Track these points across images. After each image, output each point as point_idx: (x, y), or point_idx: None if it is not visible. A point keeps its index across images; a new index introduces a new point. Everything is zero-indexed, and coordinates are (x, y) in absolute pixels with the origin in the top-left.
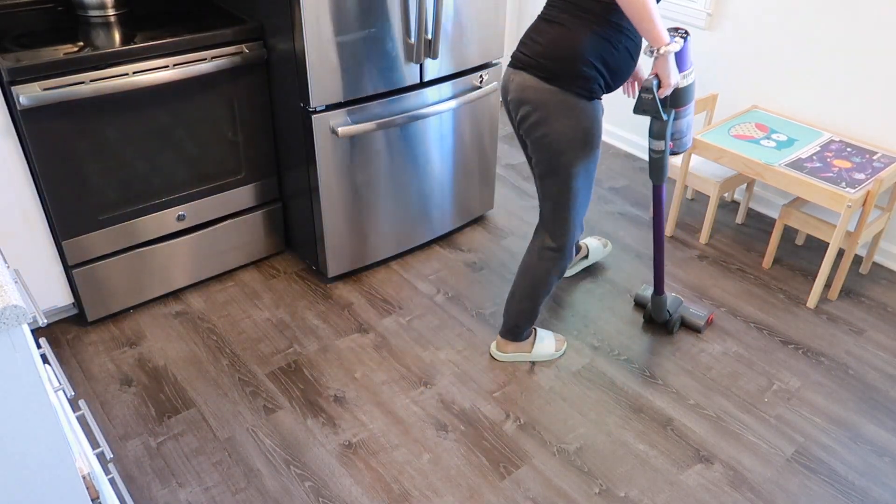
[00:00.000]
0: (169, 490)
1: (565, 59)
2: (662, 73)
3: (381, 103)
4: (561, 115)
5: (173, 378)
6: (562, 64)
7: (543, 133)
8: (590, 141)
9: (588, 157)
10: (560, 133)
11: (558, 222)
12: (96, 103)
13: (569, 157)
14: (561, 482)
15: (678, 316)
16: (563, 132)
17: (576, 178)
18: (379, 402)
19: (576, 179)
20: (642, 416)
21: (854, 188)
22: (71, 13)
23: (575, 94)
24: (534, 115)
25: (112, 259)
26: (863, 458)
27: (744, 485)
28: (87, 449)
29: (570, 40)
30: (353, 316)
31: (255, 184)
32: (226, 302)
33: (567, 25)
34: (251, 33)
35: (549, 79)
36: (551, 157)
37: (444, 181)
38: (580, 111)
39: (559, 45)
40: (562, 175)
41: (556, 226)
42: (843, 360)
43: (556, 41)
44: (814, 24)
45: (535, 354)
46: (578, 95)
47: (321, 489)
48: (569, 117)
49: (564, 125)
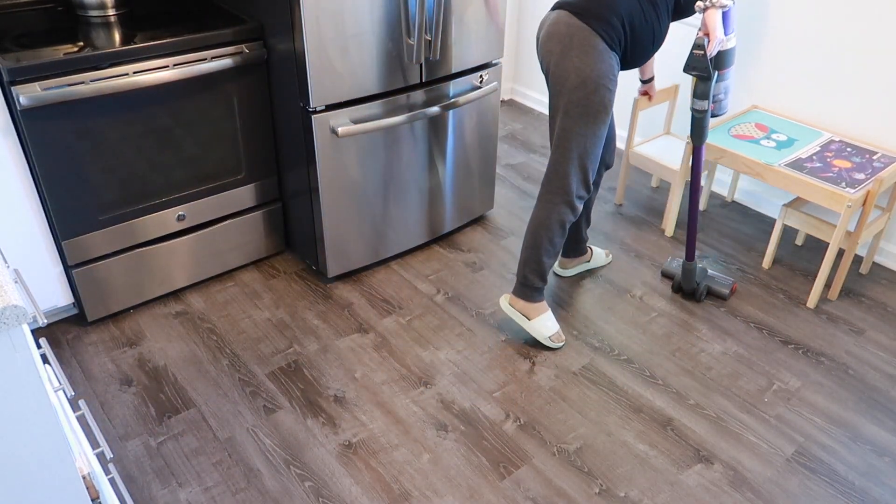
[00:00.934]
0: (169, 490)
1: (601, 4)
2: (711, 26)
3: (381, 103)
4: (580, 51)
5: (173, 378)
6: (597, 7)
7: (563, 66)
8: (600, 87)
9: (596, 104)
10: (576, 68)
11: (559, 166)
12: (96, 103)
13: (578, 95)
14: (561, 482)
15: (704, 285)
16: (580, 68)
17: (582, 120)
18: (379, 402)
19: (582, 123)
20: (642, 416)
21: (854, 188)
22: (71, 13)
23: (599, 36)
24: (558, 47)
25: (112, 259)
26: (863, 458)
27: (744, 485)
28: (87, 449)
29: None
30: (353, 316)
31: (255, 184)
32: (226, 302)
33: None
34: (251, 33)
35: (580, 14)
36: (562, 93)
37: (444, 181)
38: (599, 52)
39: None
40: (571, 114)
41: (557, 170)
42: (843, 360)
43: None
44: (814, 24)
45: (532, 326)
46: (601, 38)
47: (321, 489)
48: (587, 54)
49: (582, 61)
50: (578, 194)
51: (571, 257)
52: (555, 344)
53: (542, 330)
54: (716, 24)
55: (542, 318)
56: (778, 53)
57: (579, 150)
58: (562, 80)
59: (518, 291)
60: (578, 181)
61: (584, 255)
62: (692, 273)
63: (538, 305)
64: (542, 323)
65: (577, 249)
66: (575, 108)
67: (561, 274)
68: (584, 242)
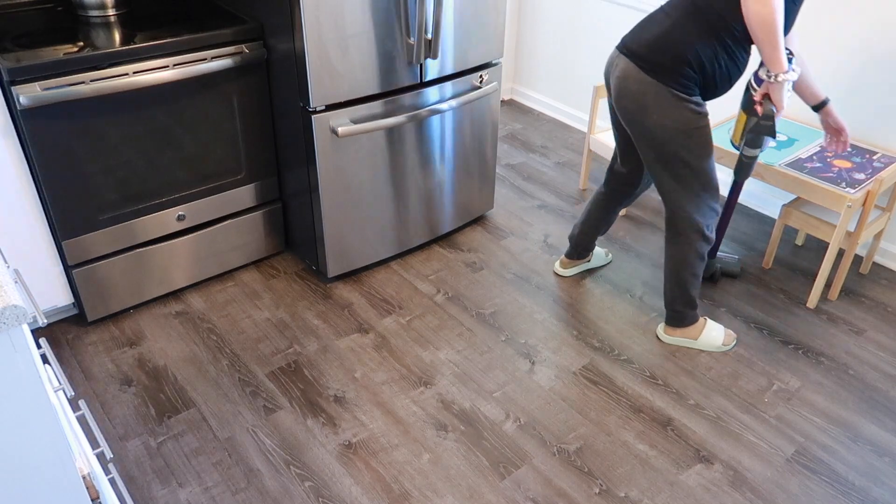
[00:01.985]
0: (169, 490)
1: (669, 55)
2: (776, 98)
3: (381, 103)
4: (657, 109)
5: (173, 378)
6: (664, 59)
7: (644, 125)
8: (693, 131)
9: (695, 146)
10: (660, 126)
11: (680, 210)
12: (96, 103)
13: (673, 146)
14: (561, 482)
15: (718, 267)
16: (663, 125)
17: (685, 165)
18: (379, 402)
19: (685, 167)
20: (642, 416)
21: (854, 188)
22: (71, 13)
23: (672, 89)
24: (633, 105)
25: (112, 259)
26: (863, 458)
27: (744, 485)
28: (87, 449)
29: (678, 40)
30: (353, 316)
31: (255, 184)
32: (226, 302)
33: (681, 24)
34: (251, 33)
35: (649, 70)
36: (656, 148)
37: (444, 181)
38: (678, 104)
39: (667, 40)
40: (671, 164)
41: (679, 214)
42: (843, 360)
43: (665, 36)
44: (813, 24)
45: (702, 343)
46: (675, 90)
47: (321, 489)
48: (666, 109)
49: (663, 117)
50: (707, 224)
51: (574, 259)
52: (729, 346)
53: (712, 342)
54: (782, 97)
55: (706, 332)
56: None
57: (700, 187)
58: (648, 138)
59: (672, 322)
60: (703, 214)
61: (585, 258)
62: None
63: (697, 323)
64: (708, 336)
65: (582, 253)
66: (674, 160)
67: (560, 273)
68: (589, 250)
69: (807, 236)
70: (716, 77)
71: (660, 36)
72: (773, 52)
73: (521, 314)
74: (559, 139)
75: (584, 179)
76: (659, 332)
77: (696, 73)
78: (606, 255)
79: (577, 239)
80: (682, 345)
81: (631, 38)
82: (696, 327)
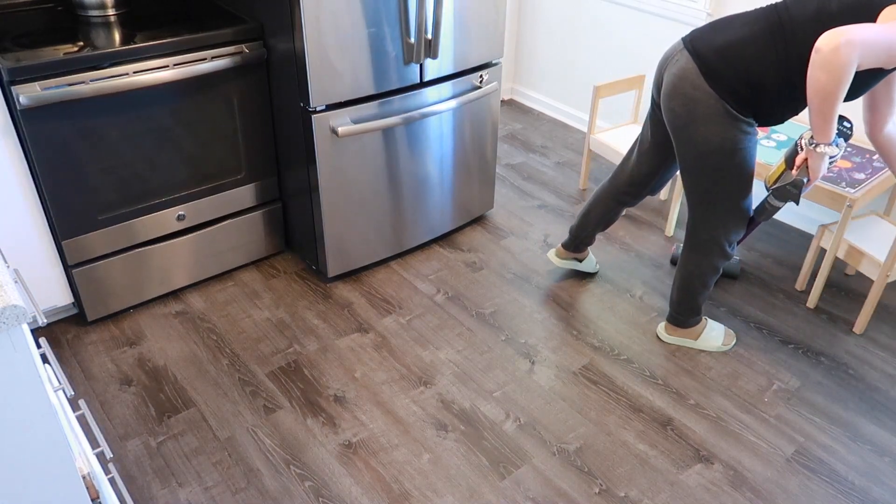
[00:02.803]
0: (169, 490)
1: (734, 68)
2: (813, 167)
3: (381, 103)
4: (706, 120)
5: (173, 378)
6: (728, 70)
7: (689, 132)
8: (737, 151)
9: (735, 167)
10: (704, 138)
11: (706, 224)
12: (96, 103)
13: (714, 161)
14: (561, 482)
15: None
16: (708, 138)
17: (720, 182)
18: (379, 401)
19: (720, 184)
20: (642, 416)
21: (854, 188)
22: (71, 13)
23: (726, 102)
24: (682, 109)
25: (112, 259)
26: (863, 458)
27: (744, 485)
28: (87, 449)
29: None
30: (353, 316)
31: (254, 184)
32: (226, 302)
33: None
34: (251, 33)
35: (709, 75)
36: (696, 158)
37: (444, 181)
38: (728, 120)
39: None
40: (706, 178)
41: (704, 227)
42: (843, 360)
43: (738, 47)
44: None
45: (701, 343)
46: (728, 105)
47: (321, 489)
48: (714, 123)
49: (710, 130)
50: (730, 241)
51: (570, 251)
52: (729, 346)
53: (711, 342)
54: (819, 169)
55: (706, 333)
56: None
57: (725, 207)
58: (689, 147)
59: (675, 322)
60: (727, 231)
61: (581, 253)
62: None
63: (697, 326)
64: (708, 336)
65: (579, 246)
66: (712, 173)
67: (553, 262)
68: (587, 244)
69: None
70: (773, 107)
71: (733, 44)
72: (822, 122)
73: (521, 314)
74: (559, 139)
75: (584, 179)
76: (659, 332)
77: (753, 96)
78: (596, 264)
79: (576, 230)
80: (682, 344)
81: (700, 36)
82: (696, 328)
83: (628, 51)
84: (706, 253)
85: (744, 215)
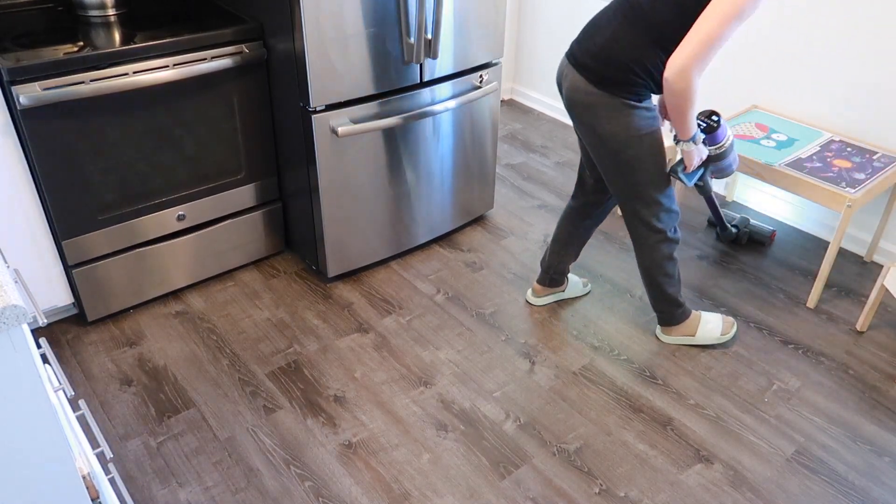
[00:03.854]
0: (169, 490)
1: (613, 66)
2: (686, 159)
3: (381, 103)
4: (608, 119)
5: (173, 378)
6: (609, 70)
7: (597, 134)
8: (644, 137)
9: (647, 152)
10: (612, 134)
11: (634, 214)
12: (96, 103)
13: (628, 153)
14: (561, 482)
15: (746, 231)
16: (615, 133)
17: (639, 172)
18: (379, 401)
19: (639, 174)
20: (642, 416)
21: (854, 188)
22: (71, 13)
23: (623, 98)
24: (585, 115)
25: (112, 259)
26: (863, 458)
27: (744, 485)
28: (87, 449)
29: (621, 50)
30: (353, 316)
31: (254, 184)
32: (226, 302)
33: (622, 32)
34: (251, 33)
35: (598, 83)
36: (611, 156)
37: (444, 181)
38: (630, 111)
39: (611, 50)
40: (625, 171)
41: (633, 217)
42: (843, 360)
43: (609, 46)
44: (814, 24)
45: (700, 338)
46: (627, 99)
47: (321, 489)
48: (618, 119)
49: (614, 125)
50: (669, 227)
51: (545, 286)
52: (729, 335)
53: (711, 335)
54: (692, 159)
55: (702, 326)
56: (778, 53)
57: (656, 191)
58: (602, 147)
59: (663, 321)
60: (661, 219)
61: (560, 286)
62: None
63: (690, 319)
64: (705, 329)
65: (554, 279)
66: (630, 165)
67: (532, 302)
68: (563, 275)
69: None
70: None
71: (605, 46)
72: (680, 124)
73: (521, 314)
74: (559, 139)
75: None
76: (658, 334)
77: (643, 79)
78: (585, 284)
79: (548, 262)
80: (683, 343)
81: (578, 47)
82: (690, 324)
83: None
84: (652, 244)
85: (670, 193)
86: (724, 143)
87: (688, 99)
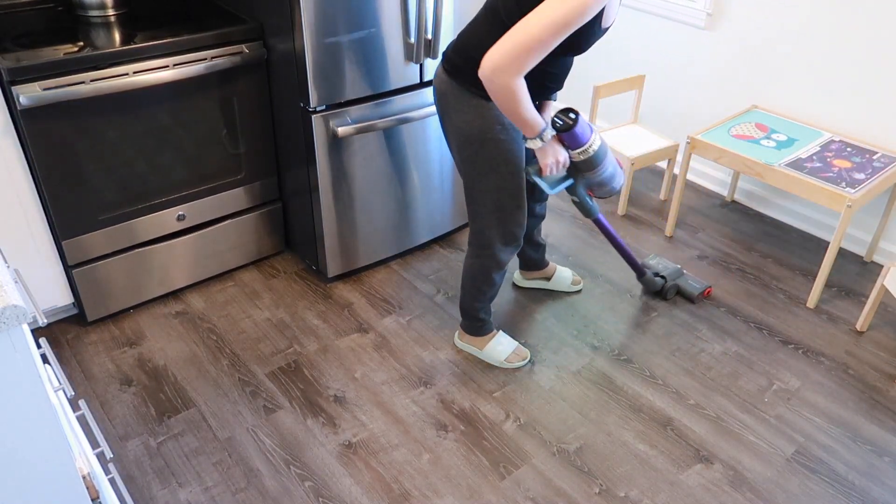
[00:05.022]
0: (169, 490)
1: (463, 56)
2: (539, 158)
3: (381, 103)
4: (457, 110)
5: (173, 378)
6: (459, 60)
7: (446, 126)
8: (487, 141)
9: (489, 158)
10: (457, 128)
11: (475, 223)
12: (96, 103)
13: (469, 152)
14: (561, 482)
15: (673, 284)
16: (460, 127)
17: (481, 177)
18: (379, 402)
19: (483, 179)
20: (642, 416)
21: (854, 188)
22: (71, 13)
23: (471, 92)
24: (439, 105)
25: (112, 259)
26: (863, 458)
27: (744, 485)
28: (87, 449)
29: (475, 43)
30: (353, 316)
31: (254, 184)
32: (226, 302)
33: (479, 26)
34: (251, 33)
35: (451, 73)
36: (456, 150)
37: (443, 181)
38: (476, 107)
39: (466, 42)
40: (469, 172)
41: (475, 226)
42: (843, 360)
43: (465, 38)
44: (814, 24)
45: (485, 354)
46: (476, 94)
47: (321, 489)
48: (464, 112)
49: (461, 120)
50: (503, 254)
51: (528, 270)
52: (513, 364)
53: (494, 355)
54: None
55: (491, 345)
56: (778, 53)
57: (492, 205)
58: (449, 139)
59: (463, 326)
60: (500, 240)
61: (542, 269)
62: (649, 283)
63: (485, 336)
64: (493, 349)
65: (530, 265)
66: (470, 166)
67: (519, 283)
68: (538, 261)
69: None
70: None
71: (464, 37)
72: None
73: (521, 314)
74: None
75: None
76: (455, 337)
77: None
78: (574, 283)
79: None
80: (468, 351)
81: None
82: (483, 339)
83: (628, 51)
84: (477, 252)
85: (512, 219)
86: (589, 147)
87: (509, 99)
